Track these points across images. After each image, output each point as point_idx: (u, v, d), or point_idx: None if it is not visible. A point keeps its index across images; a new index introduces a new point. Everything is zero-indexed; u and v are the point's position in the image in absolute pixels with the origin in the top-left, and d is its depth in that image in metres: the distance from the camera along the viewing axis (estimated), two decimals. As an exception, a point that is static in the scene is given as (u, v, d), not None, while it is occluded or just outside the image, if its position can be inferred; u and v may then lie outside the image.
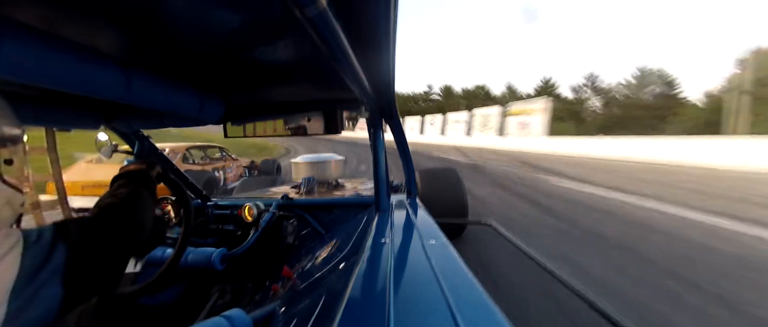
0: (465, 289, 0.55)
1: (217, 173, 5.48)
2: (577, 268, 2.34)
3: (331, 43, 0.45)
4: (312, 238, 1.42)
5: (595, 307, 1.02)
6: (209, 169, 5.32)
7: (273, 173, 6.63)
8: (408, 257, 0.75)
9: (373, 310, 0.50)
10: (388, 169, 1.19)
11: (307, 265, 1.04)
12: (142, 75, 0.69)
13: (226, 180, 5.75)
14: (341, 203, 1.51)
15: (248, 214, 1.35)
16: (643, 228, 3.27)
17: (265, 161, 7.30)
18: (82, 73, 0.56)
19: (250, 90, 1.02)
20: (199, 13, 0.51)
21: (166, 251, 1.11)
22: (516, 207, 4.19)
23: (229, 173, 5.93)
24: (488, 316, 0.47)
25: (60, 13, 0.49)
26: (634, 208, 4.06)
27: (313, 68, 0.80)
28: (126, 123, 1.11)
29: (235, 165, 6.33)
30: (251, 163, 6.96)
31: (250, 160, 7.08)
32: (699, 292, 1.98)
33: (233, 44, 0.64)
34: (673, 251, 2.65)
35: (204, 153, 5.80)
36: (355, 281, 0.60)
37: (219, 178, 5.45)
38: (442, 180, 2.73)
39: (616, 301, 1.86)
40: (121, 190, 0.67)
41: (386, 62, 0.65)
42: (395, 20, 0.48)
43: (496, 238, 1.86)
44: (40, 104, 0.83)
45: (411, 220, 1.10)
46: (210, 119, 1.06)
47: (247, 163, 6.90)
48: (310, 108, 1.13)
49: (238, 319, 0.58)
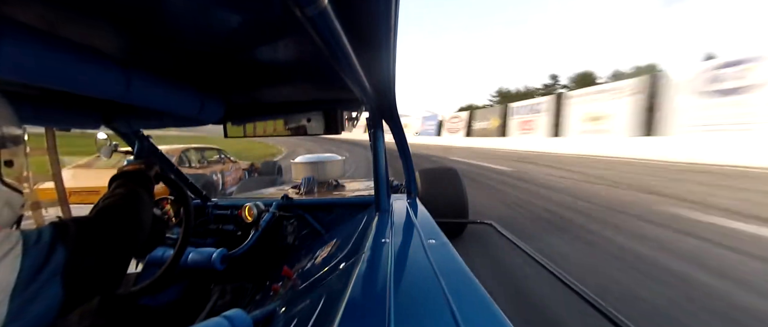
0: (465, 289, 0.54)
1: (216, 176, 5.35)
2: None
3: (332, 43, 0.45)
4: (312, 238, 1.42)
5: (596, 306, 1.02)
6: (207, 172, 5.17)
7: (274, 175, 6.54)
8: (408, 257, 0.75)
9: (373, 310, 0.50)
10: (388, 169, 1.18)
11: (307, 265, 1.04)
12: (142, 75, 0.69)
13: (225, 184, 5.61)
14: (341, 203, 1.51)
15: (248, 214, 1.35)
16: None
17: (266, 163, 7.27)
18: (82, 72, 0.56)
19: (251, 90, 1.02)
20: (199, 13, 0.51)
21: (166, 251, 1.11)
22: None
23: (227, 176, 5.79)
24: (489, 316, 0.47)
25: (60, 13, 0.49)
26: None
27: (314, 68, 0.80)
28: (126, 123, 1.11)
29: (235, 167, 6.20)
30: (251, 166, 6.90)
31: (249, 163, 7.00)
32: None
33: (233, 44, 0.64)
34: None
35: (201, 155, 5.65)
36: (356, 281, 0.60)
37: (217, 182, 5.31)
38: (442, 180, 2.73)
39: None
40: (118, 190, 0.67)
41: (387, 62, 0.65)
42: (396, 19, 0.48)
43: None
44: (40, 104, 0.83)
45: (411, 220, 1.10)
46: (210, 119, 1.06)
47: (247, 165, 6.83)
48: (311, 108, 1.13)
49: (239, 320, 0.58)
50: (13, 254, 0.39)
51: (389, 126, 1.20)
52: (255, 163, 7.20)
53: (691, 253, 2.46)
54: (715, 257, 2.39)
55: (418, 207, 1.27)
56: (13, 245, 0.40)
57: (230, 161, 6.24)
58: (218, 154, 6.10)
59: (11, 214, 0.49)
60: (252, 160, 7.50)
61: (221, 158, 6.07)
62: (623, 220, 3.35)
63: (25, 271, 0.39)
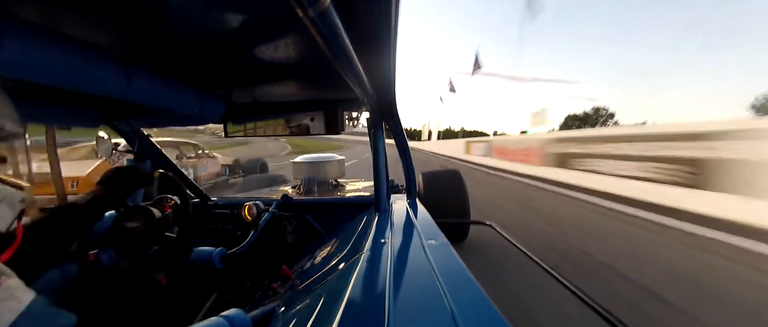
0: (465, 289, 0.54)
1: (186, 171, 5.23)
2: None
3: (333, 43, 0.45)
4: (311, 238, 1.42)
5: (595, 307, 1.02)
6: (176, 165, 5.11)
7: (256, 173, 6.45)
8: (407, 257, 0.74)
9: (372, 310, 0.49)
10: (387, 170, 1.18)
11: (306, 265, 1.03)
12: (142, 73, 0.69)
13: (198, 178, 5.59)
14: (341, 203, 1.51)
15: (248, 213, 1.35)
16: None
17: (250, 160, 7.16)
18: (82, 70, 0.56)
19: (251, 89, 1.02)
20: (201, 12, 0.51)
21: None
22: None
23: (201, 172, 5.76)
24: (488, 316, 0.47)
25: (61, 11, 0.49)
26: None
27: (315, 68, 0.80)
28: (126, 121, 1.11)
29: (211, 162, 6.16)
30: (235, 162, 6.81)
31: (232, 159, 6.92)
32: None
33: (235, 43, 0.64)
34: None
35: (179, 150, 5.63)
36: (355, 281, 0.60)
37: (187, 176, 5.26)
38: (444, 182, 2.72)
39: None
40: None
41: (388, 62, 0.65)
42: (397, 20, 0.48)
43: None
44: (40, 102, 0.83)
45: (411, 220, 1.10)
46: (210, 118, 1.06)
47: (231, 161, 6.73)
48: (311, 107, 1.13)
49: (238, 319, 0.58)
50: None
51: (389, 126, 1.20)
52: (239, 159, 7.11)
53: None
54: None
55: (418, 207, 1.27)
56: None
57: (207, 156, 6.18)
58: (195, 149, 6.05)
59: (10, 210, 0.49)
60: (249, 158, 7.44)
61: (198, 153, 6.03)
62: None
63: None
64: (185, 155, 5.69)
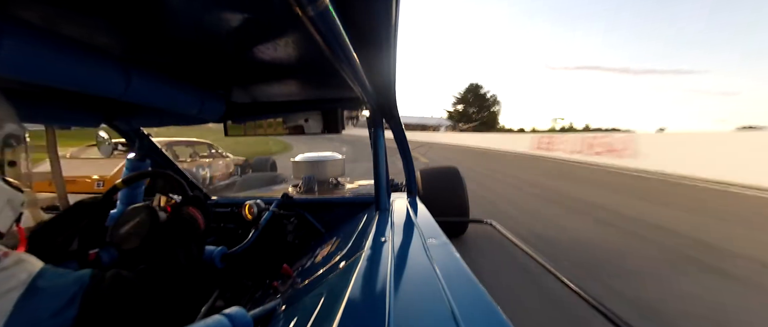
0: (465, 288, 0.54)
1: (202, 171, 5.30)
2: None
3: (333, 42, 0.45)
4: (312, 237, 1.42)
5: (596, 306, 1.02)
6: (192, 167, 5.11)
7: (266, 171, 6.47)
8: (408, 256, 0.75)
9: (373, 308, 0.50)
10: (388, 168, 1.18)
11: (307, 264, 1.04)
12: (142, 73, 0.69)
13: (213, 179, 5.59)
14: (341, 202, 1.51)
15: (248, 212, 1.35)
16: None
17: (259, 159, 7.19)
18: (82, 70, 0.56)
19: (251, 88, 1.02)
20: (200, 11, 0.51)
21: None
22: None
23: (216, 172, 5.76)
24: (489, 315, 0.47)
25: (61, 12, 0.49)
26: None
27: (315, 67, 0.80)
28: (126, 121, 1.11)
29: (224, 163, 6.17)
30: (245, 162, 6.84)
31: (243, 159, 6.95)
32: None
33: (234, 42, 0.64)
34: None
35: (193, 149, 5.61)
36: (355, 280, 0.60)
37: (204, 176, 5.29)
38: (443, 179, 2.73)
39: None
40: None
41: (388, 61, 0.65)
42: (397, 19, 0.48)
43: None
44: (40, 102, 0.83)
45: (411, 219, 1.10)
46: (210, 117, 1.06)
47: (241, 161, 6.76)
48: (311, 107, 1.13)
49: (239, 318, 0.58)
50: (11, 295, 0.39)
51: (389, 125, 1.20)
52: (249, 158, 7.14)
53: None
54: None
55: (418, 206, 1.27)
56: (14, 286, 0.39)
57: (220, 156, 6.18)
58: (208, 148, 6.06)
59: (12, 212, 0.49)
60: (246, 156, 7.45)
61: (211, 153, 6.04)
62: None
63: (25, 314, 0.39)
64: (199, 154, 5.68)
